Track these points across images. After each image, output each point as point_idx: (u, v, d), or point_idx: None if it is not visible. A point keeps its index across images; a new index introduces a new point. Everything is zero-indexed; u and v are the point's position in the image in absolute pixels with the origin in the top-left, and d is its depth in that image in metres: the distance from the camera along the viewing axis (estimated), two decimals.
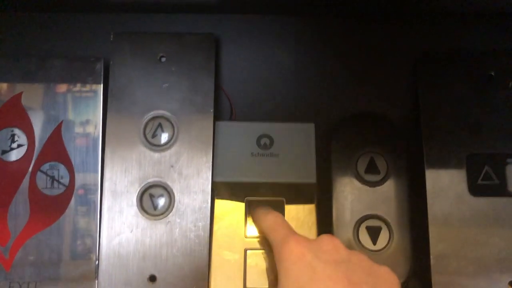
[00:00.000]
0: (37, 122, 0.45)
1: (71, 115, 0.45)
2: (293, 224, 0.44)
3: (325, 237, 0.37)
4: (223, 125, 0.46)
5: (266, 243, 0.43)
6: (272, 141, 0.46)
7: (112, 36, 0.46)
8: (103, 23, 0.50)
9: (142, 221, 0.43)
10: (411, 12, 0.50)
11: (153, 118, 0.45)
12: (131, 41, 0.46)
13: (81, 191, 0.44)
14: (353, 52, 0.50)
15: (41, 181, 0.44)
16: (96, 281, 0.43)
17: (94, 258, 0.43)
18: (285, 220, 0.41)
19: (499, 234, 0.44)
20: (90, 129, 0.45)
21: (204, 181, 0.44)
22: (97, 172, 0.44)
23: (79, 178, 0.44)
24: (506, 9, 0.49)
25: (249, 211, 0.45)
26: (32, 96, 0.45)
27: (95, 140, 0.45)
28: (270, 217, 0.41)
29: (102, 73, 0.45)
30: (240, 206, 0.45)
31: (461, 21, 0.50)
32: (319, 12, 0.50)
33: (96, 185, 0.44)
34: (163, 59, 0.46)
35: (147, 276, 0.42)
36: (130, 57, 0.45)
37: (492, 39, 0.50)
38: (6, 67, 0.45)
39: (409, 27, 0.50)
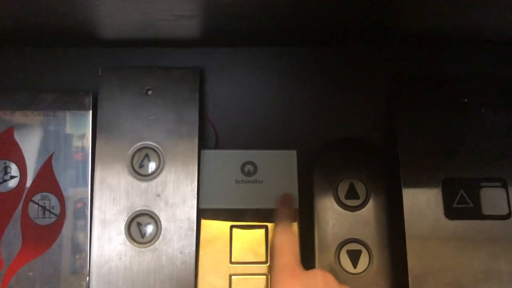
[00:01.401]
0: (29, 154, 0.47)
1: (61, 147, 0.47)
2: None
3: (318, 273, 0.39)
4: (208, 153, 0.48)
5: (250, 269, 0.45)
6: (256, 168, 0.48)
7: (100, 71, 0.48)
8: (92, 57, 0.51)
9: (130, 248, 0.45)
10: (387, 40, 0.52)
11: (140, 148, 0.47)
12: (118, 75, 0.48)
13: (71, 220, 0.46)
14: (331, 81, 0.52)
15: (33, 211, 0.46)
16: None
17: (84, 285, 0.45)
18: (296, 244, 0.42)
19: (474, 256, 0.45)
20: (79, 160, 0.47)
21: (189, 209, 0.45)
22: (86, 201, 0.46)
23: (70, 208, 0.46)
24: (479, 38, 0.50)
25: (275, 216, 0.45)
26: (24, 129, 0.47)
27: (84, 171, 0.46)
28: (283, 237, 0.42)
29: (91, 106, 0.47)
30: (225, 232, 0.47)
31: (437, 49, 0.52)
32: (297, 43, 0.52)
33: (86, 214, 0.46)
34: (150, 92, 0.48)
35: None
36: (118, 91, 0.47)
37: (466, 67, 0.52)
38: None
39: (386, 54, 0.53)
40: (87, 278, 0.45)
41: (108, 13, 0.38)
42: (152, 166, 0.47)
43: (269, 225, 0.47)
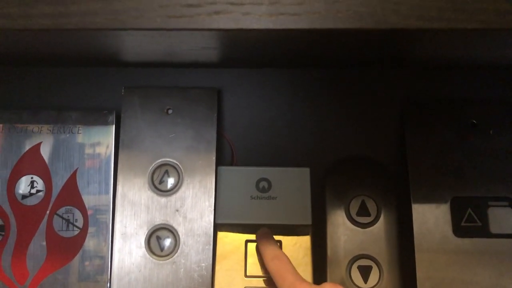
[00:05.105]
0: (54, 169, 0.49)
1: (85, 163, 0.49)
2: None
3: (328, 286, 0.40)
4: (224, 169, 0.50)
5: (265, 283, 0.47)
6: (270, 184, 0.49)
7: (123, 90, 0.50)
8: (115, 77, 0.54)
9: (150, 261, 0.47)
10: (400, 64, 0.53)
11: (160, 165, 0.49)
12: (140, 94, 0.50)
13: (93, 233, 0.48)
14: (344, 101, 0.54)
15: (57, 223, 0.48)
16: None
17: None
18: (290, 264, 0.43)
19: (482, 273, 0.47)
20: (102, 175, 0.49)
21: (206, 224, 0.47)
22: (108, 215, 0.48)
23: (92, 221, 0.48)
24: (487, 63, 0.52)
25: (257, 245, 0.47)
26: (50, 145, 0.49)
27: (107, 186, 0.49)
28: (276, 263, 0.43)
29: (114, 124, 0.49)
30: (241, 247, 0.48)
31: (447, 73, 0.54)
32: (311, 65, 0.54)
33: (107, 228, 0.48)
34: (170, 111, 0.50)
35: None
36: (140, 110, 0.50)
37: (475, 90, 0.54)
38: (27, 119, 0.50)
39: (398, 77, 0.54)
40: None
41: (137, 43, 0.40)
42: (171, 182, 0.49)
43: (283, 240, 0.48)
